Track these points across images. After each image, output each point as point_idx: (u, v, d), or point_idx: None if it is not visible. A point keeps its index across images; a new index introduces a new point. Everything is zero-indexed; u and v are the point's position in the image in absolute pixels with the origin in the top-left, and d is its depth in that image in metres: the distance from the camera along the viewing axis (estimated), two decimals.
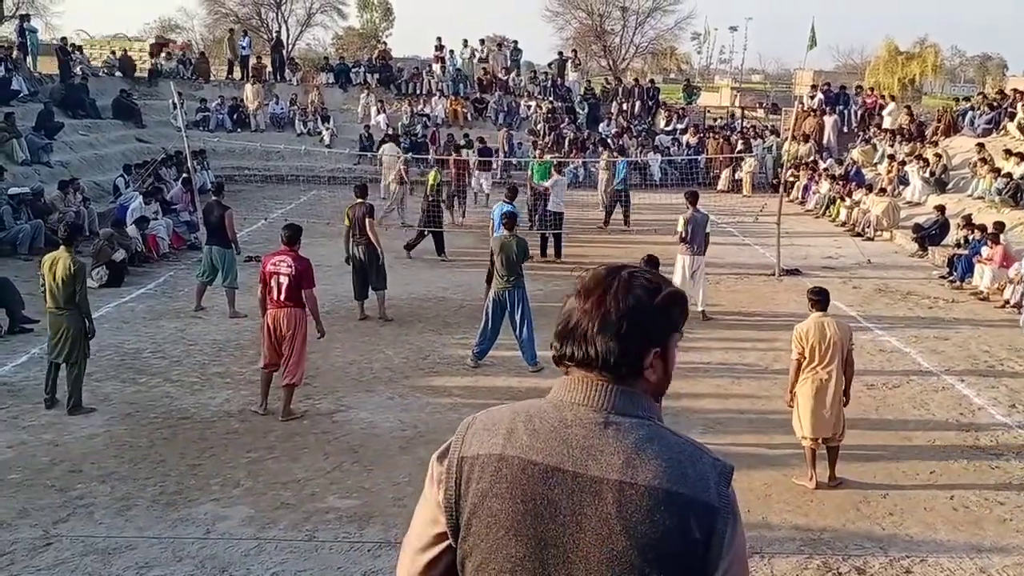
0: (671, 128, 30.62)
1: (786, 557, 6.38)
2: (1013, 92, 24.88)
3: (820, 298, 7.51)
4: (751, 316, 13.10)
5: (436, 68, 32.51)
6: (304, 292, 8.67)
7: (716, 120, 33.09)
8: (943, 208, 18.69)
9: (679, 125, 30.65)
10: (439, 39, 33.27)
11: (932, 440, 8.66)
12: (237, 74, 31.58)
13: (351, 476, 7.51)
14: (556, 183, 17.58)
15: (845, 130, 29.59)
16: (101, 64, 30.68)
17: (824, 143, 28.73)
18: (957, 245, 16.72)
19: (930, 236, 18.17)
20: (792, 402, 7.55)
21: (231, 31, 35.05)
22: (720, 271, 15.55)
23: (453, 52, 33.24)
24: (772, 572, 6.19)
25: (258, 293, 8.86)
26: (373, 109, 29.72)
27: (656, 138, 29.57)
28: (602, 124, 30.52)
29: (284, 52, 33.20)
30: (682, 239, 12.39)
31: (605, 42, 50.35)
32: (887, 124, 27.96)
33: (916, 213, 20.41)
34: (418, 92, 31.61)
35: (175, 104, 18.93)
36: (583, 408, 1.84)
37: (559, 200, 17.32)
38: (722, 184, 26.83)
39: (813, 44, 35.58)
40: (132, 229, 15.36)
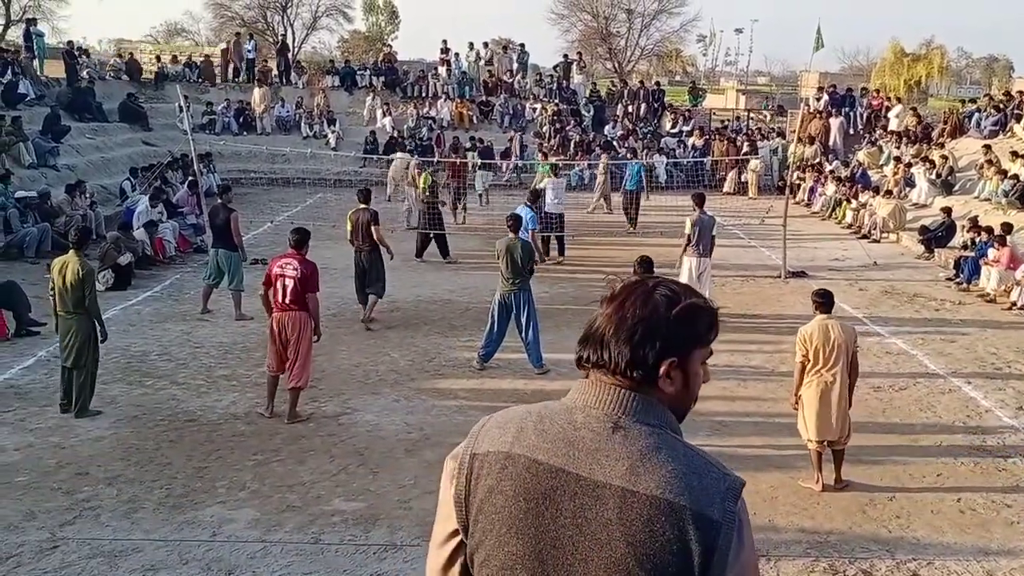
0: (677, 130, 30.60)
1: (792, 560, 6.36)
2: (1019, 94, 24.85)
3: (824, 300, 7.49)
4: (757, 318, 13.08)
5: (442, 71, 32.54)
6: (308, 296, 8.69)
7: (724, 123, 32.98)
8: (950, 210, 18.65)
9: (685, 127, 30.62)
10: (444, 42, 33.33)
11: (939, 442, 8.64)
12: (243, 77, 31.61)
13: (357, 479, 7.51)
14: (554, 185, 17.64)
15: (851, 132, 29.54)
16: (108, 67, 30.72)
17: (830, 145, 28.67)
18: (964, 247, 16.68)
19: (937, 238, 18.12)
20: (797, 405, 7.53)
21: (237, 35, 35.14)
22: (726, 273, 15.53)
23: (458, 55, 33.28)
24: (778, 575, 6.18)
25: (262, 294, 8.90)
26: (379, 112, 29.79)
27: (662, 140, 29.56)
28: (608, 126, 30.54)
29: (290, 55, 33.20)
30: (689, 241, 12.40)
31: (610, 44, 50.39)
32: (893, 126, 27.93)
33: (923, 215, 20.35)
34: (424, 95, 31.64)
35: (181, 107, 19.03)
36: (594, 411, 1.85)
37: (558, 201, 17.38)
38: (728, 186, 26.80)
39: (820, 46, 35.58)
40: (141, 232, 15.40)
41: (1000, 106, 24.57)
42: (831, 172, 25.36)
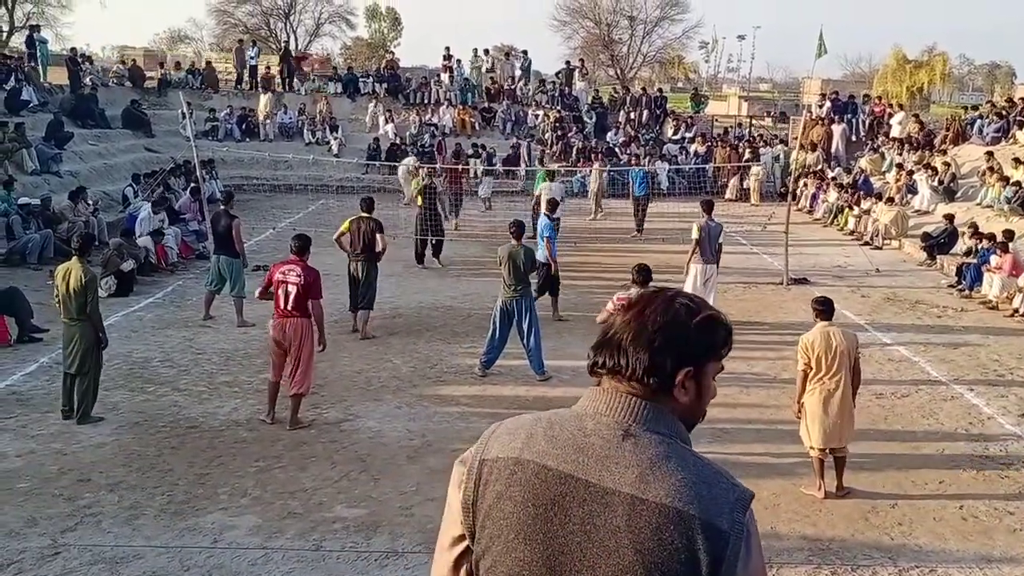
0: (679, 137, 30.62)
1: (795, 567, 6.35)
2: (1022, 100, 24.85)
3: (824, 307, 7.49)
4: (759, 325, 13.07)
5: (444, 78, 32.59)
6: (312, 303, 8.71)
7: (725, 130, 32.99)
8: (952, 217, 18.64)
9: (687, 134, 30.64)
10: (447, 49, 33.36)
11: (941, 450, 8.63)
12: (246, 84, 31.68)
13: (358, 485, 7.51)
14: (551, 190, 17.69)
15: (853, 139, 29.54)
16: (112, 73, 30.79)
17: (832, 152, 28.66)
18: (966, 254, 16.67)
19: (939, 245, 18.13)
20: (800, 413, 7.52)
21: (240, 42, 35.24)
22: (728, 280, 15.51)
23: (461, 62, 33.33)
24: None
25: (258, 293, 9.05)
26: (381, 119, 29.83)
27: (664, 147, 29.58)
28: (610, 133, 30.56)
29: (292, 62, 33.24)
30: (697, 244, 12.46)
31: (613, 51, 50.53)
32: (895, 133, 27.93)
33: (925, 222, 20.36)
34: (426, 101, 31.70)
35: (184, 114, 19.05)
36: (604, 418, 1.85)
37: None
38: (730, 193, 26.81)
39: (822, 52, 35.59)
40: (145, 240, 15.42)
41: (1002, 113, 24.58)
42: (833, 179, 25.36)
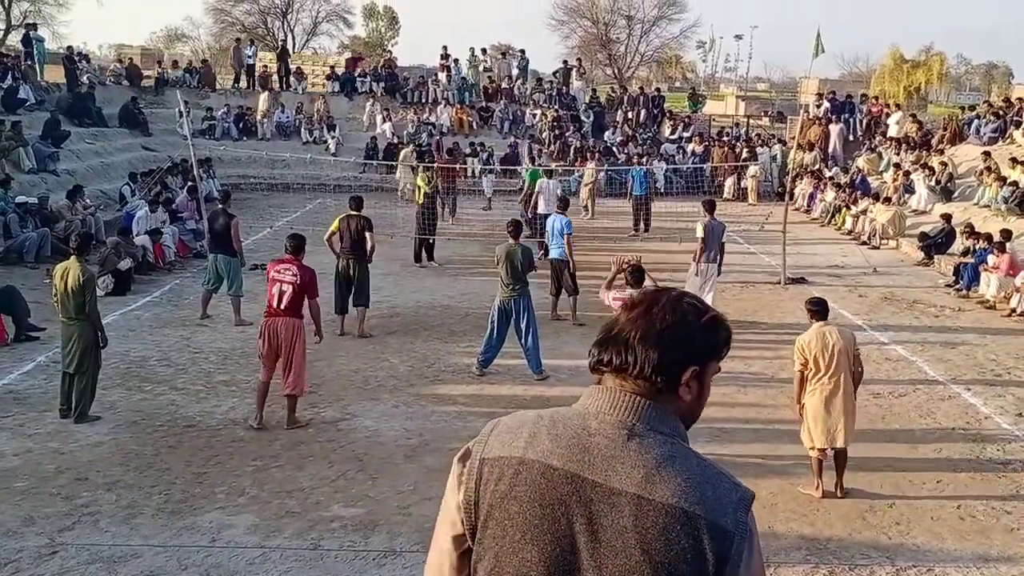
0: (676, 136, 30.62)
1: (792, 567, 6.35)
2: (1019, 100, 24.88)
3: (818, 308, 7.49)
4: (757, 324, 13.08)
5: (442, 77, 32.56)
6: (309, 302, 8.70)
7: (721, 130, 33.01)
8: (949, 216, 18.67)
9: (684, 133, 30.65)
10: (445, 48, 33.36)
11: (939, 449, 8.64)
12: (243, 83, 31.67)
13: (356, 484, 7.50)
14: (547, 187, 17.73)
15: (851, 138, 29.55)
16: (109, 72, 30.75)
17: (830, 151, 28.68)
18: (963, 253, 16.69)
19: (936, 244, 18.15)
20: (801, 413, 7.50)
21: (237, 40, 35.20)
22: (726, 279, 15.48)
23: (458, 61, 33.31)
24: None
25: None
26: (379, 118, 29.83)
27: (661, 146, 29.59)
28: (607, 132, 30.56)
29: (289, 61, 33.21)
30: (703, 242, 12.55)
31: (610, 50, 50.57)
32: (893, 132, 27.95)
33: (922, 221, 20.39)
34: (424, 101, 31.69)
35: (181, 112, 19.02)
36: (608, 417, 1.85)
37: (550, 205, 17.45)
38: (727, 192, 26.83)
39: (819, 52, 35.66)
40: (143, 238, 15.40)
41: (999, 113, 24.61)
42: (830, 178, 25.38)
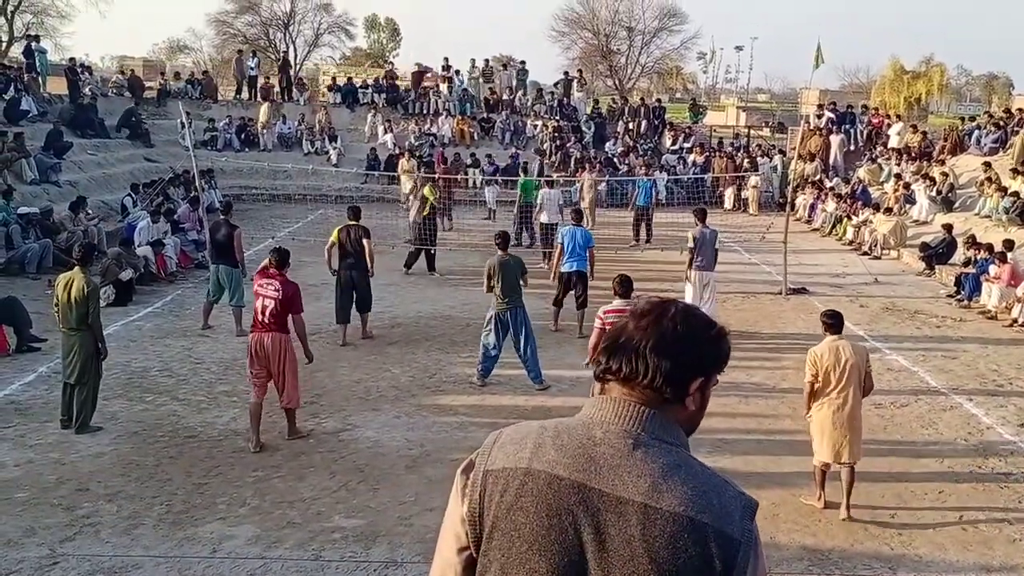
0: (677, 147, 30.68)
1: None
2: (1019, 111, 24.91)
3: (834, 321, 7.39)
4: (758, 335, 13.07)
5: (443, 88, 32.66)
6: (292, 317, 8.50)
7: (721, 142, 33.05)
8: (950, 227, 18.68)
9: (685, 144, 30.70)
10: (446, 59, 33.45)
11: (941, 459, 8.62)
12: (245, 94, 31.78)
13: (357, 495, 7.50)
14: (548, 197, 17.78)
15: (851, 149, 29.58)
16: (111, 83, 30.85)
17: (830, 162, 28.72)
18: (964, 264, 16.69)
19: (937, 255, 18.15)
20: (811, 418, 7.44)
21: (239, 52, 35.32)
22: (727, 290, 15.52)
23: (459, 72, 33.40)
24: None
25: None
26: (380, 129, 29.94)
27: (662, 157, 29.65)
28: (608, 143, 30.62)
29: (291, 72, 33.32)
30: (692, 254, 12.57)
31: (611, 62, 50.68)
32: (893, 143, 27.99)
33: (923, 232, 20.37)
34: (425, 112, 31.77)
35: (183, 124, 19.06)
36: (612, 427, 1.85)
37: (552, 213, 17.54)
38: (728, 203, 26.85)
39: (820, 63, 35.75)
40: (145, 249, 15.42)
41: (1000, 123, 24.64)
42: (831, 189, 25.41)
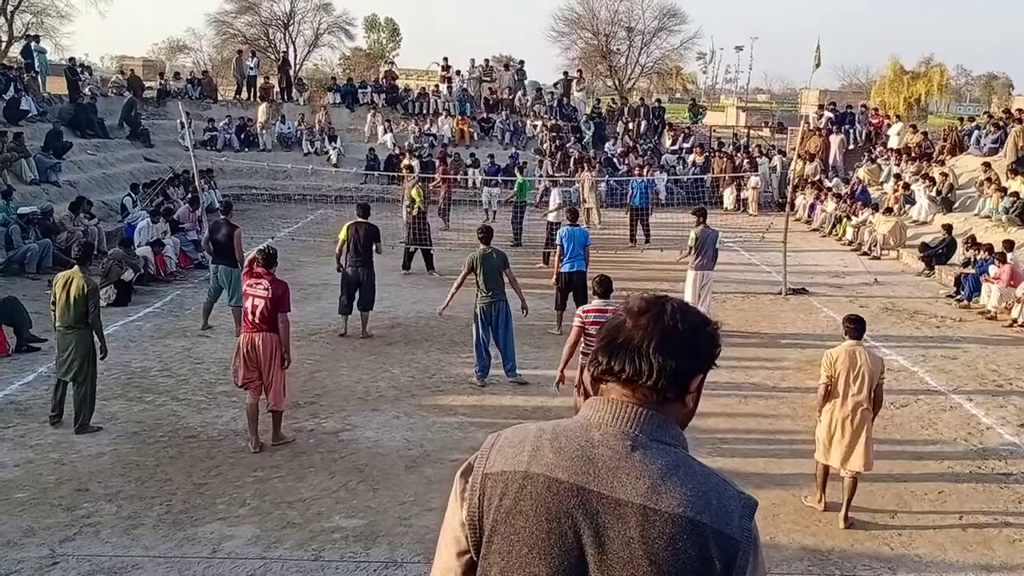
0: (677, 147, 30.69)
1: None
2: (1019, 111, 24.90)
3: (856, 326, 7.29)
4: (757, 335, 13.08)
5: (443, 88, 32.66)
6: (279, 315, 8.45)
7: (720, 143, 33.05)
8: (950, 227, 18.69)
9: (685, 144, 30.71)
10: (445, 59, 33.49)
11: (940, 460, 8.62)
12: (245, 94, 31.78)
13: (357, 495, 7.50)
14: (554, 196, 17.82)
15: (851, 149, 29.58)
16: (111, 83, 30.85)
17: (830, 162, 28.73)
18: (964, 264, 16.70)
19: (937, 255, 18.15)
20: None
21: (239, 52, 35.32)
22: (726, 289, 15.53)
23: (459, 72, 33.40)
24: None
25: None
26: (380, 129, 29.95)
27: (662, 157, 29.66)
28: (608, 143, 30.62)
29: (291, 72, 33.33)
30: (693, 253, 12.59)
31: (611, 62, 50.59)
32: (893, 143, 28.00)
33: (923, 232, 20.38)
34: (424, 112, 31.78)
35: (183, 124, 19.06)
36: (611, 429, 1.84)
37: (555, 211, 17.61)
38: (727, 203, 26.85)
39: (819, 63, 35.76)
40: (145, 250, 15.42)
41: (1000, 124, 24.63)
42: (831, 189, 25.42)
